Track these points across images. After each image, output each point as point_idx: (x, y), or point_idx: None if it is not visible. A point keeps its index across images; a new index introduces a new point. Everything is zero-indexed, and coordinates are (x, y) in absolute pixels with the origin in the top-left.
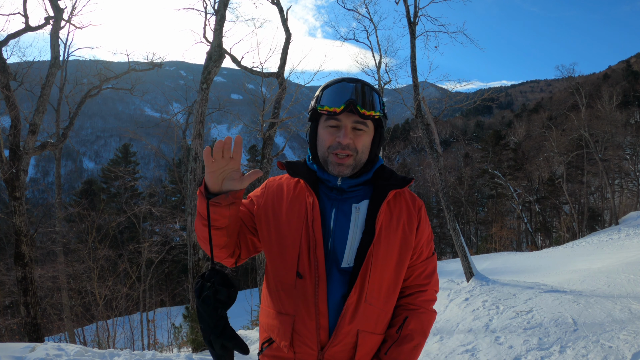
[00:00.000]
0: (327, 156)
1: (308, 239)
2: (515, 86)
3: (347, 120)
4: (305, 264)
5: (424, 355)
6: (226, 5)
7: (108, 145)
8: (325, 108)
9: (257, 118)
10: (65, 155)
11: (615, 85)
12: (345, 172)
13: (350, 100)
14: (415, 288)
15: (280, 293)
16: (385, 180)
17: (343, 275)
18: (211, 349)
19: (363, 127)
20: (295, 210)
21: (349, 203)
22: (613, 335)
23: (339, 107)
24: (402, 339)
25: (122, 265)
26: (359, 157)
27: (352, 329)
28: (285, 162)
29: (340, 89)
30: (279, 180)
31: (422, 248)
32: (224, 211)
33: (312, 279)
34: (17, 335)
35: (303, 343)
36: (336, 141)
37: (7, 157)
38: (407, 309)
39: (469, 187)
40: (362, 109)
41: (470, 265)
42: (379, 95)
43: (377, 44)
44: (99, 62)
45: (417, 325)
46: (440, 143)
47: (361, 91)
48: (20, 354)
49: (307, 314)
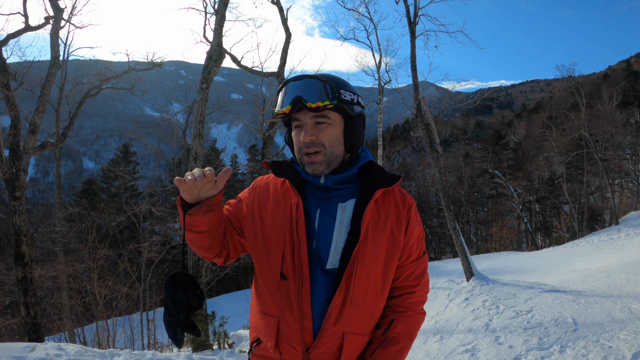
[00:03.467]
0: (301, 158)
1: (292, 239)
2: (515, 86)
3: (305, 118)
4: (289, 265)
5: (424, 355)
6: (226, 5)
7: (108, 145)
8: (277, 112)
9: (257, 118)
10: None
11: (615, 85)
12: (319, 169)
13: (295, 98)
14: (404, 289)
15: (265, 294)
16: (373, 178)
17: (328, 277)
18: (173, 335)
19: (325, 120)
20: (280, 210)
21: (335, 202)
22: (613, 335)
23: (286, 107)
24: (388, 342)
25: (122, 265)
26: (329, 151)
27: (337, 331)
28: (271, 161)
29: (287, 90)
30: (266, 180)
31: (412, 248)
32: (201, 218)
33: (295, 281)
34: (17, 335)
35: (288, 344)
36: (302, 141)
37: (7, 156)
38: (394, 311)
39: (469, 187)
40: (309, 103)
41: (470, 265)
42: (331, 84)
43: (377, 43)
44: (99, 61)
45: (403, 328)
46: (440, 143)
47: (306, 85)
48: (20, 354)
49: (291, 315)
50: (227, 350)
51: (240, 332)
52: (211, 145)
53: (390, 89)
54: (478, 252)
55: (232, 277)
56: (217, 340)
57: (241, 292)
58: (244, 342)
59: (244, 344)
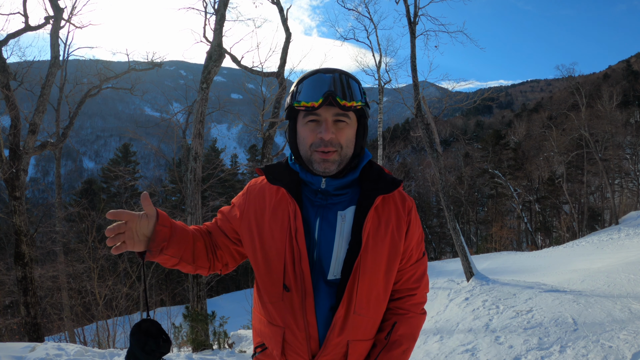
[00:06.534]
0: (311, 155)
1: (292, 250)
2: (515, 86)
3: (326, 113)
4: (291, 276)
5: (424, 354)
6: (226, 4)
7: (108, 145)
8: (303, 104)
9: (257, 118)
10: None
11: (615, 85)
12: (331, 168)
13: (328, 92)
14: (405, 292)
15: (268, 305)
16: (373, 182)
17: (330, 287)
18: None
19: (345, 119)
20: (278, 219)
21: (334, 210)
22: (613, 335)
23: (317, 100)
24: (391, 345)
25: (122, 265)
26: (344, 152)
27: (342, 341)
28: (264, 167)
29: (316, 81)
30: (260, 184)
31: (412, 252)
32: (162, 257)
33: (298, 292)
34: (17, 335)
35: (294, 352)
36: (318, 137)
37: (7, 156)
38: (396, 314)
39: (469, 187)
40: (343, 101)
41: (470, 265)
42: (358, 84)
43: (377, 43)
44: (99, 61)
45: (406, 330)
46: (440, 143)
47: (339, 81)
48: (20, 354)
49: (296, 326)
50: (227, 350)
51: (240, 332)
52: (211, 145)
53: (390, 89)
54: (478, 252)
55: (232, 277)
56: (217, 340)
57: (241, 292)
58: (244, 342)
59: (244, 344)
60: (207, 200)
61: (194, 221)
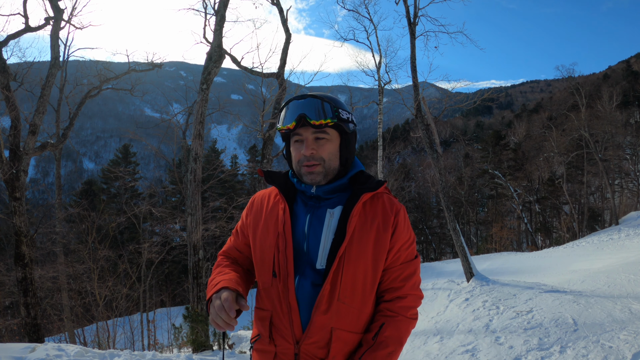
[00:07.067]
0: (299, 169)
1: (280, 240)
2: (515, 86)
3: (306, 133)
4: (278, 263)
5: (424, 355)
6: (226, 5)
7: (108, 146)
8: (281, 128)
9: (257, 118)
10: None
11: (615, 85)
12: (317, 179)
13: (300, 115)
14: (392, 292)
15: (261, 292)
16: (360, 184)
17: (318, 276)
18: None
19: (324, 136)
20: (273, 216)
21: (324, 208)
22: (613, 335)
23: (291, 123)
24: (377, 345)
25: (122, 266)
26: (327, 164)
27: (325, 325)
28: (265, 170)
29: (292, 107)
30: (262, 193)
31: (400, 252)
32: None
33: (282, 277)
34: (17, 335)
35: (281, 337)
36: (302, 154)
37: (7, 157)
38: (384, 315)
39: (469, 187)
40: (312, 120)
41: (470, 266)
42: (331, 104)
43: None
44: (99, 62)
45: (392, 332)
46: (440, 143)
47: (310, 104)
48: (20, 355)
49: (280, 309)
50: (227, 350)
51: (240, 333)
52: (211, 146)
53: (390, 90)
54: (478, 253)
55: None
56: (217, 340)
57: None
58: (244, 343)
59: (244, 345)
60: (207, 201)
61: (194, 222)
